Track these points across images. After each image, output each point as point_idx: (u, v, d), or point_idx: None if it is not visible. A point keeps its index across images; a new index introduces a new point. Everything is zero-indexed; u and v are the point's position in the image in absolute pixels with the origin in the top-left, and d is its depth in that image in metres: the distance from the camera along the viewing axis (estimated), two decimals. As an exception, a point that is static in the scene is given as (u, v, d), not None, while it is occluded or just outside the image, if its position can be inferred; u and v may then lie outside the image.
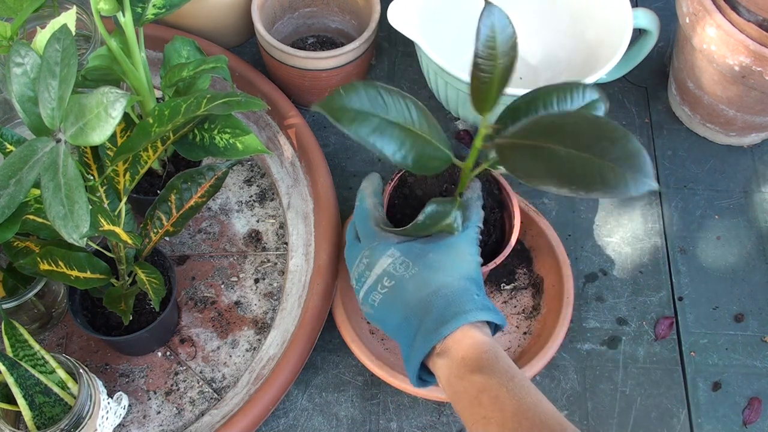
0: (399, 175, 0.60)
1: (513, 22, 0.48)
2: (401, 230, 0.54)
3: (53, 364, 0.56)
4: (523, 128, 0.47)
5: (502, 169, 0.57)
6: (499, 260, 0.58)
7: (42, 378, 0.54)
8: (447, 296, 0.51)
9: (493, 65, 0.47)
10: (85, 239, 0.45)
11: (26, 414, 0.53)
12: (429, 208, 0.53)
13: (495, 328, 0.53)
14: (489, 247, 0.60)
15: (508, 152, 0.47)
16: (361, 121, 0.48)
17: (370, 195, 0.58)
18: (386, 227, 0.56)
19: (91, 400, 0.55)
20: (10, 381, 0.53)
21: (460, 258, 0.53)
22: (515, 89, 0.65)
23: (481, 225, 0.56)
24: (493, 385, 0.46)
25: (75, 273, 0.56)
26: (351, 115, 0.48)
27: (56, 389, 0.55)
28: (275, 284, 0.70)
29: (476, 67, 0.47)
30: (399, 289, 0.52)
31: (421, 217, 0.52)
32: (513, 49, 0.48)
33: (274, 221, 0.73)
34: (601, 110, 0.51)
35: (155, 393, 0.64)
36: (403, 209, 0.60)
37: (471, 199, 0.56)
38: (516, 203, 0.60)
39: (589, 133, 0.43)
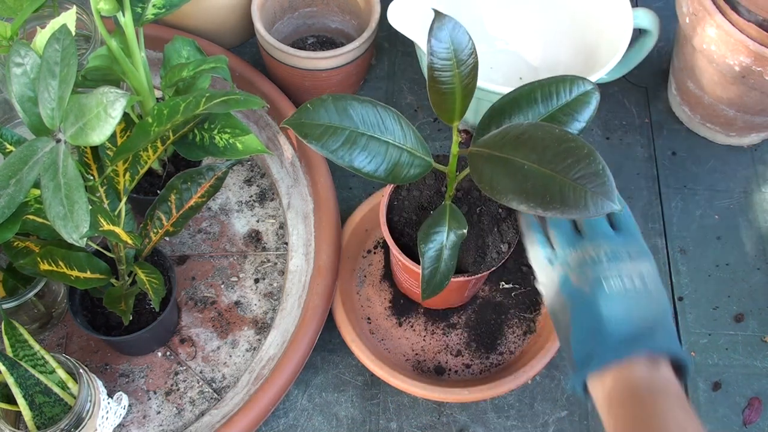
0: None
1: (469, 32, 0.47)
2: None
3: (53, 364, 0.56)
4: (493, 138, 0.46)
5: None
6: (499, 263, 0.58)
7: (42, 378, 0.54)
8: (670, 322, 0.50)
9: (452, 75, 0.47)
10: (85, 239, 0.45)
11: (26, 414, 0.53)
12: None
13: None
14: None
15: (477, 162, 0.46)
16: (330, 136, 0.47)
17: None
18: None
19: (91, 400, 0.55)
20: (10, 381, 0.53)
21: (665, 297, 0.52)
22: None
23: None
24: (670, 407, 0.45)
25: (75, 273, 0.56)
26: (319, 131, 0.47)
27: (56, 389, 0.55)
28: (275, 284, 0.70)
29: (433, 80, 0.47)
30: (644, 294, 0.50)
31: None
32: (471, 56, 0.47)
33: (274, 221, 0.73)
34: (594, 101, 0.50)
35: (155, 393, 0.64)
36: (400, 212, 0.60)
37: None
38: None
39: (554, 148, 0.42)
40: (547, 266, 0.53)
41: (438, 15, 0.46)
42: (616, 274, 0.50)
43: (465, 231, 0.52)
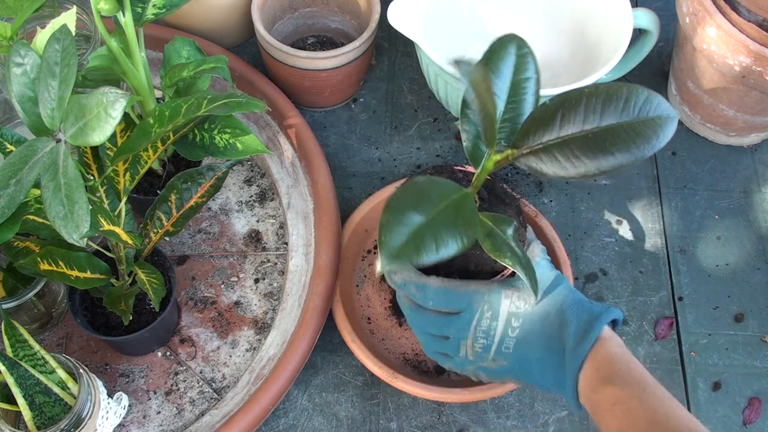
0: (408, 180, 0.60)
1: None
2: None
3: (53, 364, 0.56)
4: (545, 131, 0.45)
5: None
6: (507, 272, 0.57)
7: (42, 378, 0.54)
8: (571, 307, 0.51)
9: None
10: (85, 239, 0.45)
11: (26, 414, 0.53)
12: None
13: (613, 325, 0.53)
14: None
15: (532, 160, 0.45)
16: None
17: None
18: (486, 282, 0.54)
19: (91, 400, 0.55)
20: (10, 381, 0.53)
21: (549, 274, 0.54)
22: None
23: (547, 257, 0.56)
24: (625, 396, 0.47)
25: (75, 273, 0.56)
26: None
27: (56, 389, 0.55)
28: (275, 284, 0.70)
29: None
30: (529, 323, 0.52)
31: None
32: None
33: (274, 221, 0.73)
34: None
35: (155, 393, 0.64)
36: None
37: (534, 241, 0.57)
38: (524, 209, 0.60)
39: (604, 100, 0.44)
40: (463, 371, 0.57)
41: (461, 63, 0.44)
42: (494, 346, 0.53)
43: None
